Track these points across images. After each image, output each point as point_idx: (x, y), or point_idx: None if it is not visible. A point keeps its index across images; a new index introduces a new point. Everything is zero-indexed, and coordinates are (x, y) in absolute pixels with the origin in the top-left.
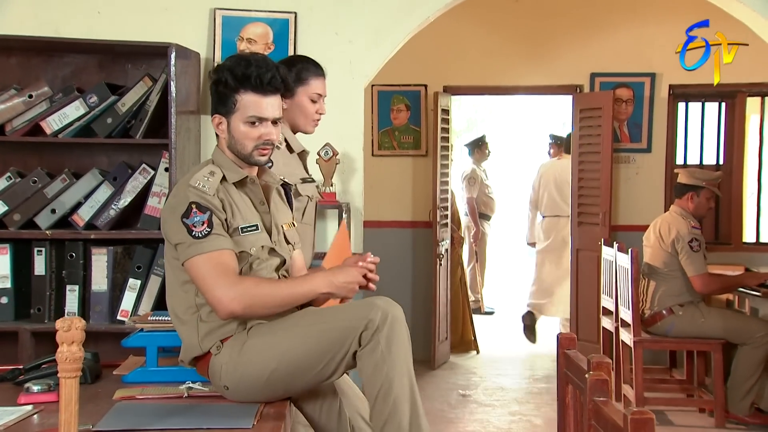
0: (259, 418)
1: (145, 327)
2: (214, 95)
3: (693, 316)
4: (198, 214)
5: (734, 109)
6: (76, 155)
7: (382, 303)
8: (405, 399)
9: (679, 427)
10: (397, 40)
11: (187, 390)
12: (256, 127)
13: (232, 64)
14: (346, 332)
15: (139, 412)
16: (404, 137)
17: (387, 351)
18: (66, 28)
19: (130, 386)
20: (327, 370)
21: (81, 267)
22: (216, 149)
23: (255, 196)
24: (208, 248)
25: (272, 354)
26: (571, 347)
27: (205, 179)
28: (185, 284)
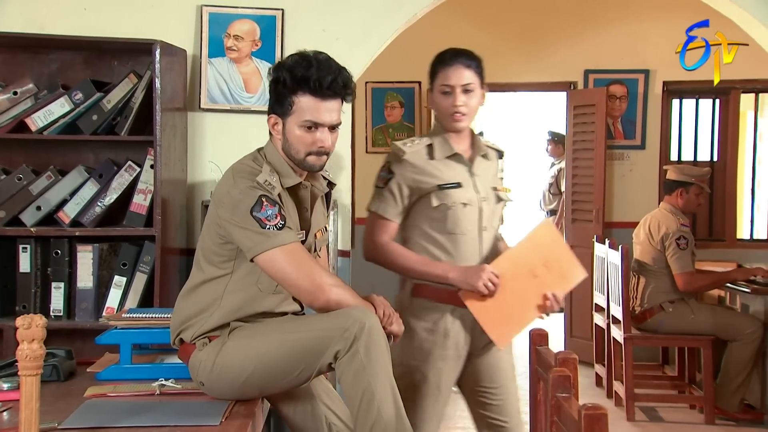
0: (228, 416)
1: (118, 324)
2: (272, 94)
3: (683, 312)
4: (269, 207)
5: (728, 105)
6: (61, 152)
7: (358, 313)
8: (389, 405)
9: (669, 423)
10: (384, 37)
11: (160, 387)
12: (312, 132)
13: (293, 63)
14: (323, 341)
15: (107, 410)
16: (398, 134)
17: (366, 359)
18: (52, 24)
19: (104, 384)
20: (302, 376)
21: (66, 264)
22: (270, 146)
23: (301, 203)
24: (289, 239)
25: (249, 358)
26: (542, 344)
27: (271, 177)
28: (220, 278)
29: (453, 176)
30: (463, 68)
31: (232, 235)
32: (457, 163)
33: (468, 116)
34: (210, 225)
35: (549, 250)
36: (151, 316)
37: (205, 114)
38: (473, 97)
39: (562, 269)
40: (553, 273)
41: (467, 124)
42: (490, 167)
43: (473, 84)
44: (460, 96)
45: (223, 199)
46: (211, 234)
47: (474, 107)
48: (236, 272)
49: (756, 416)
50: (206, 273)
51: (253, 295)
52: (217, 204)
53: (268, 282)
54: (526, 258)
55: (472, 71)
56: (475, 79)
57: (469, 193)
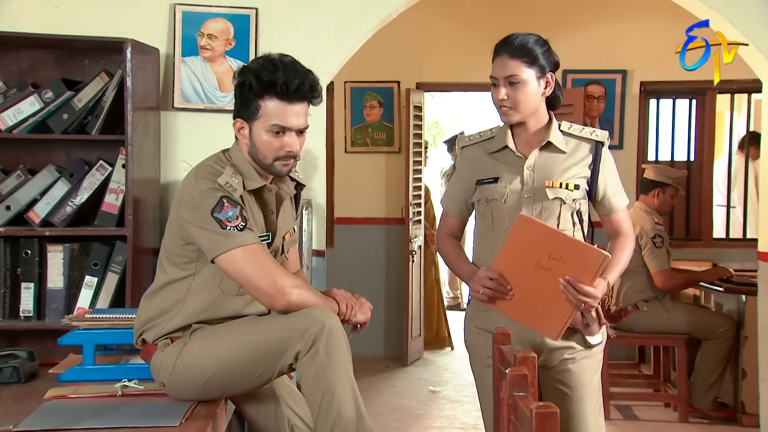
0: (189, 417)
1: (81, 325)
2: (237, 98)
3: (657, 311)
4: (230, 208)
5: (705, 106)
6: (31, 151)
7: (318, 313)
8: (349, 405)
9: (643, 421)
10: (359, 36)
11: (122, 388)
12: (279, 137)
13: (259, 67)
14: (283, 342)
15: (66, 412)
16: (377, 134)
17: (327, 360)
18: (23, 22)
19: (66, 385)
20: (263, 377)
21: (36, 264)
22: (235, 148)
23: (267, 206)
24: (249, 240)
25: (210, 359)
26: (505, 342)
27: (233, 179)
28: (183, 280)
29: (498, 170)
30: (507, 59)
31: (192, 236)
32: (508, 157)
33: (515, 109)
34: (172, 226)
35: (545, 242)
36: (115, 317)
37: (178, 113)
38: (519, 89)
39: (574, 256)
40: (568, 262)
41: (517, 117)
42: (554, 160)
43: (518, 76)
44: (502, 88)
45: (184, 200)
46: (173, 235)
47: (521, 100)
48: (199, 274)
49: (729, 414)
50: (169, 274)
51: (217, 298)
52: (179, 205)
53: (231, 284)
54: (522, 255)
55: (518, 61)
56: (523, 69)
57: (509, 189)
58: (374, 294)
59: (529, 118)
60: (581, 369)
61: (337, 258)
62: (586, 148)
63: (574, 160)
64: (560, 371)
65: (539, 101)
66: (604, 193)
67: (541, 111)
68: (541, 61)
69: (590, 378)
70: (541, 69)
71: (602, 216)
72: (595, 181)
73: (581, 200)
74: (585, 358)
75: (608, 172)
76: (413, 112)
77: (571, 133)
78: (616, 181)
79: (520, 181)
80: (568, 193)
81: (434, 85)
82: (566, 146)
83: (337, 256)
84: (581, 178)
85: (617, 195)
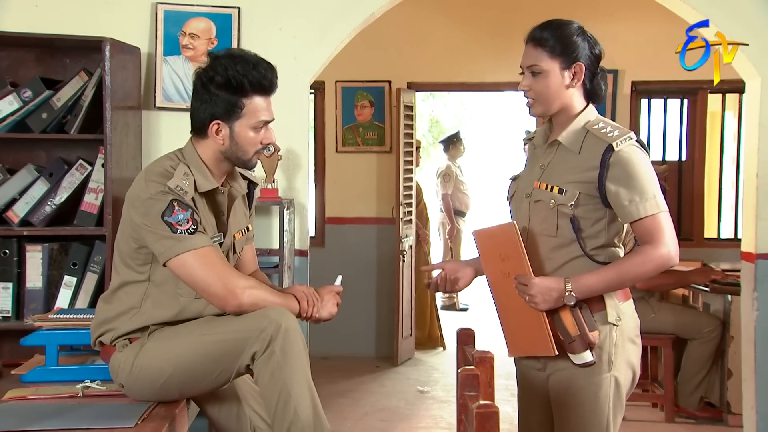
0: (146, 418)
1: (44, 325)
2: (214, 101)
3: (644, 311)
4: (181, 211)
5: (696, 105)
6: (11, 150)
7: (274, 313)
8: (306, 405)
9: (630, 421)
10: (341, 36)
11: (83, 389)
12: (260, 131)
13: (240, 66)
14: (239, 342)
15: (22, 413)
16: (368, 133)
17: (283, 359)
18: (4, 21)
19: (28, 386)
20: (221, 378)
21: (15, 264)
22: (190, 147)
23: (218, 207)
24: (200, 244)
25: (167, 360)
26: (469, 343)
27: (183, 182)
28: (138, 283)
29: (527, 166)
30: (531, 47)
31: (145, 239)
32: (535, 152)
33: (537, 101)
34: (124, 228)
35: (492, 245)
36: (79, 317)
37: (160, 112)
38: (540, 79)
39: (503, 243)
40: (510, 256)
41: (540, 110)
42: (566, 160)
43: (539, 66)
44: (524, 79)
45: (135, 203)
46: (126, 238)
47: (541, 91)
48: (154, 277)
49: (715, 414)
50: (123, 276)
51: (174, 304)
52: (129, 207)
53: (188, 288)
54: (491, 269)
55: (540, 50)
56: (545, 59)
57: (520, 187)
58: (365, 294)
59: (557, 110)
60: (567, 386)
61: (328, 257)
62: (599, 151)
63: (582, 162)
64: (552, 384)
65: (566, 94)
66: (615, 200)
67: (572, 104)
68: (570, 50)
69: (578, 398)
70: (569, 59)
71: (630, 226)
72: (602, 187)
73: (572, 206)
74: (571, 376)
75: (623, 176)
76: (404, 112)
77: (594, 132)
78: (636, 187)
79: (534, 178)
80: (552, 196)
81: (425, 84)
82: (580, 146)
83: (329, 256)
84: (581, 183)
85: (634, 203)
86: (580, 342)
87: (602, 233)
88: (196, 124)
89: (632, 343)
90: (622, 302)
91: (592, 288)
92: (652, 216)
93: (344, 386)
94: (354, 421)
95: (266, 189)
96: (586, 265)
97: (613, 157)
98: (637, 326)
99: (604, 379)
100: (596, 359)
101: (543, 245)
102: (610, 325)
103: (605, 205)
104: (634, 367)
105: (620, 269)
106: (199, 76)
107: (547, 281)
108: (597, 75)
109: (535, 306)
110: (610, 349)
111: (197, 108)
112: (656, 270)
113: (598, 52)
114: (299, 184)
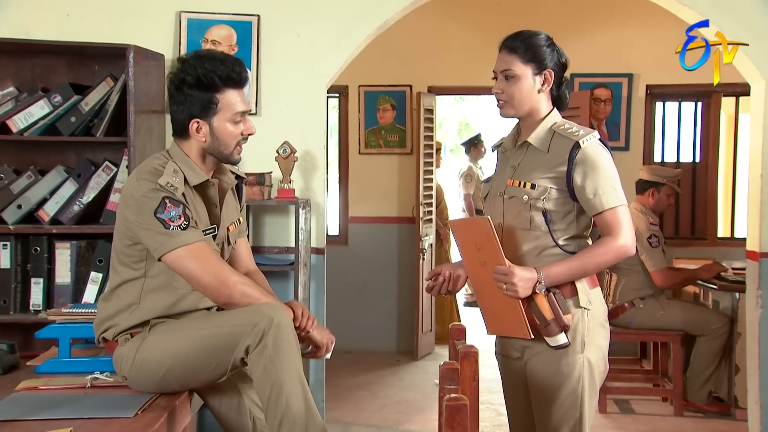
0: (146, 409)
1: (57, 319)
2: (189, 101)
3: (653, 308)
4: (173, 208)
5: (710, 108)
6: (43, 152)
7: (267, 309)
8: (297, 398)
9: (639, 415)
10: (357, 42)
11: (91, 380)
12: (238, 123)
13: (209, 64)
14: (233, 337)
15: (28, 403)
16: (390, 136)
17: (275, 353)
18: (36, 30)
19: (41, 377)
20: (218, 371)
21: (45, 261)
22: (175, 147)
23: (210, 200)
24: (193, 239)
25: (167, 353)
26: (460, 338)
27: (173, 178)
28: (135, 280)
29: (498, 168)
30: (505, 53)
31: (139, 236)
32: (505, 155)
33: (509, 103)
34: (119, 228)
35: (467, 234)
36: (90, 312)
37: None
38: (513, 83)
39: (478, 234)
40: (485, 246)
41: (511, 112)
42: (536, 159)
43: (512, 70)
44: (497, 83)
45: (128, 202)
46: (121, 236)
47: (514, 94)
48: (150, 273)
49: (723, 408)
50: (121, 275)
51: (171, 295)
52: (123, 206)
53: (184, 281)
54: (469, 258)
55: (514, 56)
56: (518, 64)
57: (493, 187)
58: (387, 290)
59: (526, 114)
60: (542, 369)
61: (351, 255)
62: (567, 148)
63: (551, 160)
64: (529, 369)
65: (536, 98)
66: (581, 194)
67: (539, 108)
68: (540, 57)
69: (554, 380)
70: (539, 66)
71: (593, 218)
72: (570, 181)
73: (544, 200)
74: (547, 359)
75: (588, 171)
76: (424, 115)
77: (560, 132)
78: (600, 181)
79: (503, 178)
80: (525, 192)
81: (445, 88)
82: (548, 145)
83: (352, 254)
84: (551, 178)
85: (598, 196)
86: (555, 325)
87: (572, 225)
88: (177, 127)
89: (602, 327)
90: (591, 289)
91: (559, 277)
92: (612, 209)
93: (364, 379)
94: (371, 412)
95: (283, 189)
96: (557, 255)
97: (579, 154)
98: (605, 311)
99: (578, 360)
100: (570, 341)
101: (518, 238)
102: (582, 309)
103: (573, 198)
104: (603, 350)
105: (584, 259)
106: (171, 80)
107: (524, 272)
108: (563, 83)
109: (515, 294)
110: (583, 331)
111: (175, 111)
112: (615, 259)
113: (564, 61)
114: (316, 184)
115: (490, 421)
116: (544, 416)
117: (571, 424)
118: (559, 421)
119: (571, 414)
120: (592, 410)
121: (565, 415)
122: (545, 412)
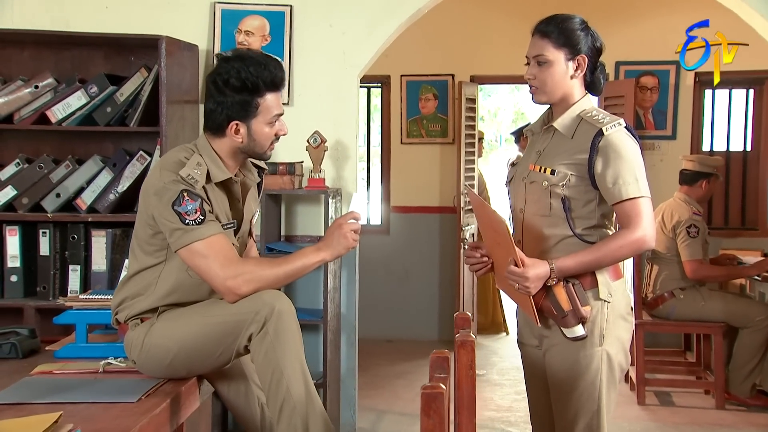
0: (150, 394)
1: (74, 305)
2: (230, 102)
3: (694, 299)
4: (190, 202)
5: (762, 95)
6: (81, 142)
7: (269, 296)
8: (298, 384)
9: (679, 407)
10: (389, 32)
11: (104, 365)
12: (274, 125)
13: (253, 68)
14: (237, 324)
15: (38, 387)
16: (432, 125)
17: (276, 340)
18: (76, 22)
19: (58, 361)
20: (223, 357)
21: (82, 248)
22: (203, 141)
23: (233, 195)
24: (207, 233)
25: (173, 339)
26: (465, 326)
27: (195, 171)
28: (154, 267)
29: (526, 152)
30: (537, 38)
31: (160, 226)
32: (534, 138)
33: (541, 89)
34: (141, 216)
35: (487, 219)
36: (106, 298)
37: None
38: (545, 69)
39: (493, 221)
40: (498, 232)
41: (543, 98)
42: (560, 145)
43: (544, 55)
44: (530, 68)
45: (149, 191)
46: (143, 225)
47: (546, 80)
48: (170, 260)
49: (766, 402)
50: (141, 262)
51: (184, 282)
52: (145, 196)
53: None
54: (485, 232)
55: (546, 41)
56: (550, 49)
57: (518, 171)
58: (428, 279)
59: (558, 99)
60: (560, 361)
61: (393, 244)
62: (590, 135)
63: (574, 146)
64: (547, 361)
65: (568, 83)
66: (601, 182)
67: (572, 94)
68: (573, 42)
69: (571, 372)
70: (573, 50)
71: (612, 207)
72: (591, 169)
73: (563, 187)
74: (565, 351)
75: (610, 159)
76: (466, 104)
77: (587, 118)
78: (622, 170)
79: (529, 162)
80: (544, 177)
81: (488, 77)
82: (573, 131)
83: (394, 243)
84: (571, 164)
85: (618, 185)
86: (573, 316)
87: (593, 214)
88: (212, 124)
89: (623, 320)
90: (614, 281)
91: (570, 270)
92: (632, 200)
93: (403, 368)
94: (406, 401)
95: (313, 179)
96: (577, 244)
97: (602, 141)
98: (628, 304)
99: (596, 353)
100: (588, 333)
101: (537, 224)
102: (601, 302)
103: (594, 187)
104: (624, 343)
105: (598, 252)
106: (213, 79)
107: (538, 270)
108: (597, 68)
109: (527, 293)
110: (602, 324)
111: (213, 110)
112: (632, 253)
113: (599, 45)
114: (347, 173)
115: (525, 411)
116: (562, 408)
117: (589, 417)
118: (577, 413)
119: (588, 407)
120: (611, 403)
121: (582, 408)
122: (563, 404)
